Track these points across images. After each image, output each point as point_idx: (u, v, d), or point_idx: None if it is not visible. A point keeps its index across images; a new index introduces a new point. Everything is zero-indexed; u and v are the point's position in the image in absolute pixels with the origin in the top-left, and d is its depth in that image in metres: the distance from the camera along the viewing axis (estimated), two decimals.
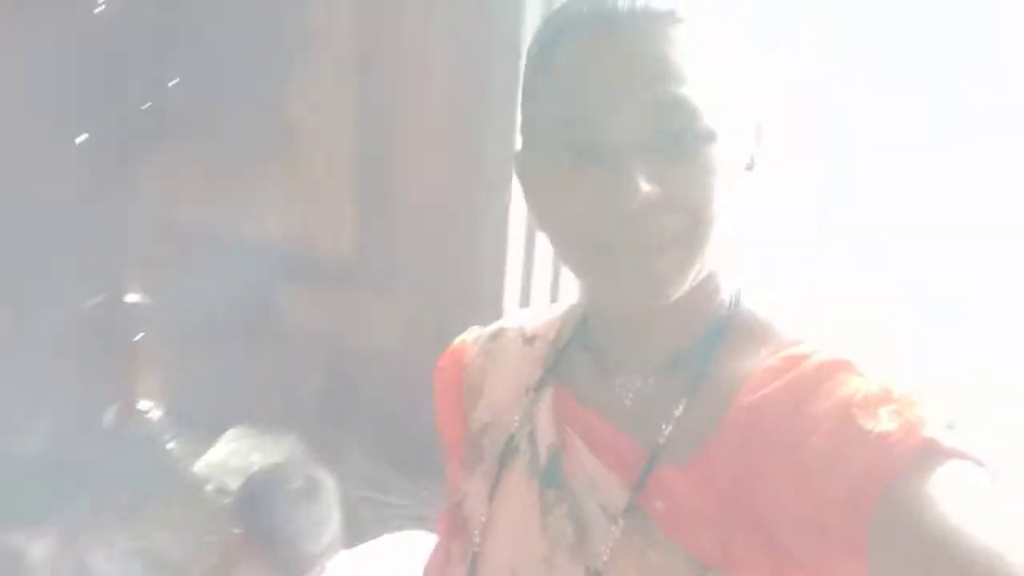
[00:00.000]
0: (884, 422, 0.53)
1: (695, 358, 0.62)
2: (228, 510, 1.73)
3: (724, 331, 0.62)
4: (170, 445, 3.11)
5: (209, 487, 2.63)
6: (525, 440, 0.69)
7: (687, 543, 0.57)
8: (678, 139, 0.54)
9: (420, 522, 1.91)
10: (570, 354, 0.70)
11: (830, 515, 0.53)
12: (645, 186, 0.53)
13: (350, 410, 2.96)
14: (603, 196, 0.54)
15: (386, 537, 1.84)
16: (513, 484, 0.68)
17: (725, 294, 0.64)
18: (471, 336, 0.82)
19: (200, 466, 2.85)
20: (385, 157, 2.63)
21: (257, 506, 1.67)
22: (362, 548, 1.77)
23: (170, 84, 2.86)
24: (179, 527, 2.56)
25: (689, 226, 0.56)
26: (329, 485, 1.75)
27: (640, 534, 0.59)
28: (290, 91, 2.73)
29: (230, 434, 3.01)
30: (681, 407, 0.61)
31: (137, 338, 3.27)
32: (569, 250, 0.60)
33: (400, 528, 1.88)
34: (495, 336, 0.79)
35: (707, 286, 0.62)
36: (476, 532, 0.69)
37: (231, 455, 2.88)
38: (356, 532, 1.81)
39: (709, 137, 0.54)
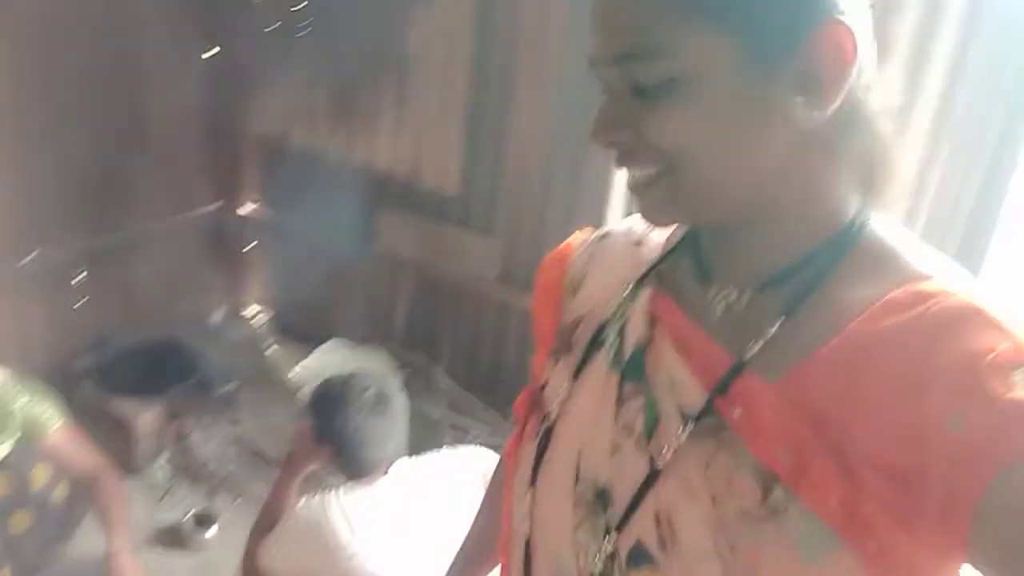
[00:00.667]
0: (1018, 389, 0.49)
1: (798, 277, 0.59)
2: (305, 407, 1.85)
3: (839, 253, 0.59)
4: (271, 348, 3.31)
5: (303, 390, 2.79)
6: (614, 332, 0.69)
7: (761, 452, 0.56)
8: (645, 86, 0.55)
9: (493, 449, 1.98)
10: (675, 258, 0.70)
11: (933, 478, 0.50)
12: (606, 131, 0.59)
13: (441, 335, 3.07)
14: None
15: (446, 450, 1.93)
16: (594, 372, 0.69)
17: (848, 215, 0.60)
18: (581, 236, 0.83)
19: (297, 370, 3.03)
20: (495, 93, 2.67)
21: (328, 408, 1.78)
22: (425, 457, 1.86)
23: (296, 8, 2.96)
24: (269, 420, 2.76)
25: (665, 168, 0.57)
26: (400, 399, 1.84)
27: (712, 437, 0.58)
28: (409, 23, 2.79)
29: (328, 344, 3.20)
30: (776, 325, 0.58)
31: (248, 247, 3.47)
32: None
33: None
34: (603, 237, 0.80)
35: (820, 205, 0.59)
36: (553, 409, 0.70)
37: (326, 364, 3.05)
38: (428, 449, 1.90)
39: (680, 81, 0.54)
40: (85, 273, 2.85)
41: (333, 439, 1.79)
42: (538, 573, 0.71)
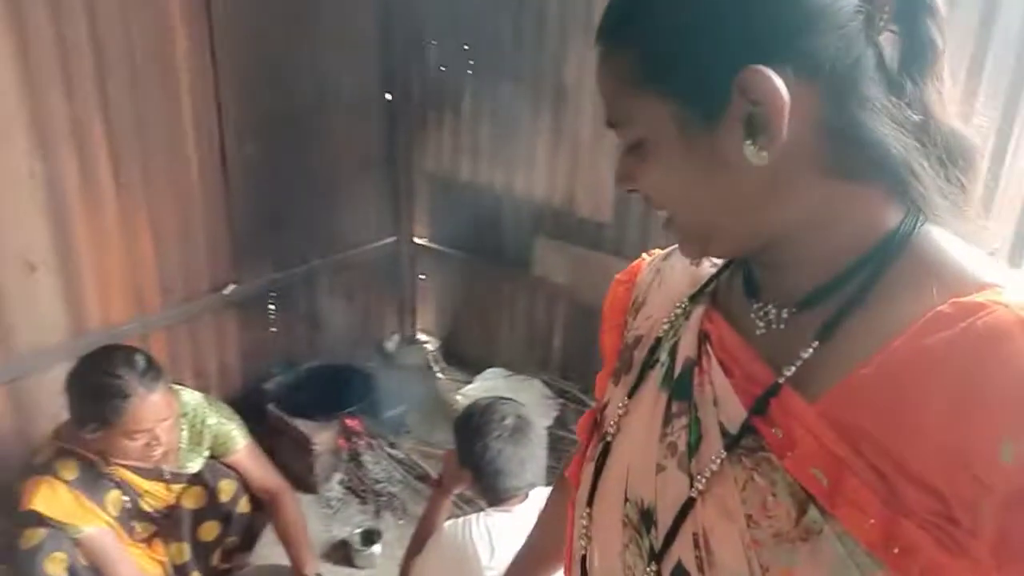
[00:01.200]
0: None
1: (838, 294, 0.57)
2: (453, 432, 1.92)
3: (880, 267, 0.56)
4: (439, 375, 3.46)
5: None
6: (666, 352, 0.69)
7: (797, 472, 0.54)
8: (627, 147, 0.62)
9: None
10: (728, 275, 0.71)
11: (984, 508, 0.47)
12: (621, 181, 0.64)
13: (595, 364, 3.06)
14: None
15: None
16: (647, 392, 0.69)
17: (887, 229, 0.57)
18: (651, 255, 0.85)
19: (460, 395, 3.14)
20: None
21: (468, 435, 1.83)
22: None
23: (463, 47, 3.11)
24: (433, 444, 2.87)
25: (670, 217, 0.64)
26: (539, 429, 1.86)
27: (750, 457, 0.58)
28: (566, 56, 2.84)
29: (487, 373, 3.29)
30: (812, 348, 0.57)
31: (419, 278, 3.66)
32: None
33: None
34: (668, 255, 0.81)
35: (850, 223, 0.58)
36: (611, 428, 0.72)
37: (486, 390, 3.14)
38: None
39: (641, 143, 0.60)
40: (274, 304, 3.14)
41: (472, 464, 1.84)
42: None
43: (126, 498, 2.01)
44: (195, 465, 2.13)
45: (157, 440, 1.88)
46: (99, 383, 1.80)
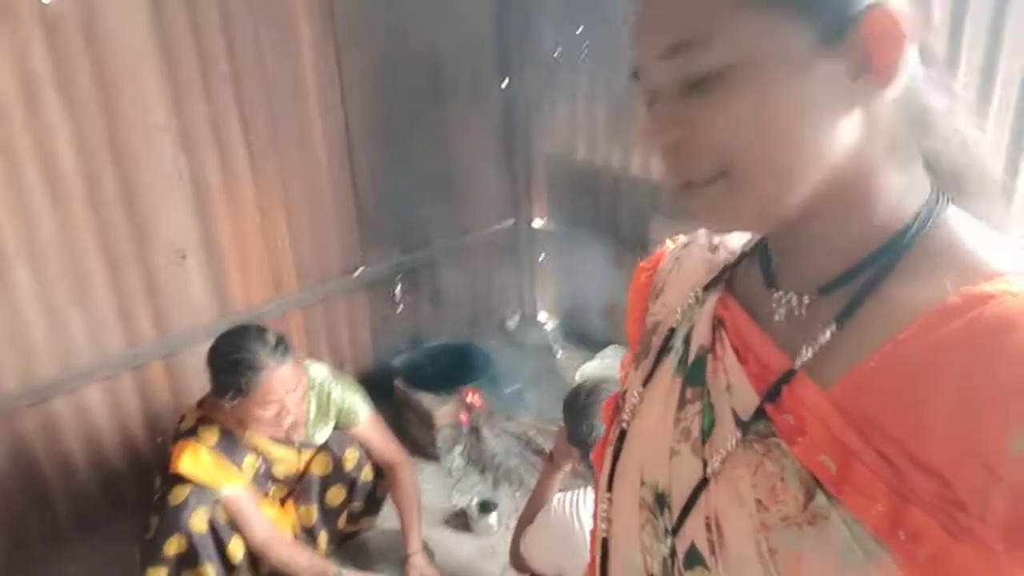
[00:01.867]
0: None
1: (857, 280, 0.56)
2: (562, 411, 1.94)
3: (898, 252, 0.55)
4: (558, 353, 3.49)
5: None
6: (680, 339, 0.69)
7: (805, 458, 0.54)
8: (698, 80, 0.53)
9: None
10: (745, 263, 0.69)
11: (996, 499, 0.46)
12: (660, 133, 0.55)
13: None
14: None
15: None
16: (661, 378, 0.69)
17: (910, 215, 0.56)
18: (673, 241, 0.83)
19: (578, 373, 3.16)
20: None
21: (575, 413, 1.86)
22: None
23: (577, 28, 3.10)
24: (549, 420, 2.91)
25: (724, 167, 0.54)
26: None
27: (761, 442, 0.57)
28: None
29: (607, 350, 3.29)
30: (829, 332, 0.56)
31: (539, 258, 3.70)
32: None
33: None
34: (688, 243, 0.79)
35: (868, 208, 0.56)
36: (627, 414, 0.72)
37: (604, 368, 3.15)
38: None
39: (734, 70, 0.51)
40: (401, 285, 3.28)
41: (579, 443, 1.87)
42: (613, 572, 0.73)
43: (260, 463, 2.20)
44: (322, 435, 2.29)
45: (287, 410, 2.04)
46: (235, 358, 1.98)
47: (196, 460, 2.06)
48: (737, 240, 0.73)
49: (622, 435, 0.72)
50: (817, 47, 0.51)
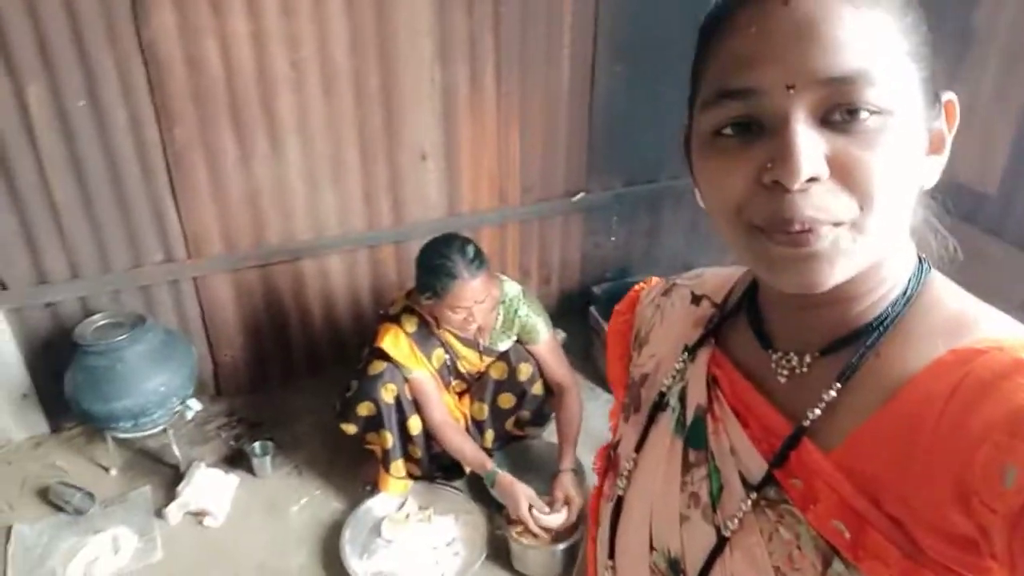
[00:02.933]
0: None
1: (858, 344, 0.57)
2: None
3: (897, 318, 0.56)
4: None
5: None
6: (675, 397, 0.68)
7: (818, 524, 0.54)
8: (853, 115, 0.49)
9: None
10: (734, 319, 0.67)
11: (994, 536, 0.47)
12: (811, 163, 0.48)
13: None
14: (767, 172, 0.49)
15: None
16: (659, 438, 0.68)
17: (905, 280, 0.58)
18: (648, 286, 0.81)
19: None
20: None
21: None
22: None
23: None
24: None
25: (859, 210, 0.50)
26: None
27: (773, 508, 0.57)
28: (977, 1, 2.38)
29: None
30: (833, 392, 0.56)
31: None
32: (726, 228, 0.55)
33: None
34: (667, 291, 0.77)
35: (884, 271, 0.57)
36: (622, 480, 0.70)
37: None
38: None
39: (888, 115, 0.49)
40: (618, 216, 3.29)
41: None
42: None
43: (447, 356, 2.41)
44: (504, 345, 2.45)
45: (473, 317, 2.21)
46: (436, 263, 2.16)
47: (395, 342, 2.31)
48: (719, 293, 0.71)
49: (619, 504, 0.69)
50: (927, 111, 0.53)
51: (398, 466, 2.39)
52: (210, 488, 2.52)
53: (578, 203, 3.19)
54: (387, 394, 2.31)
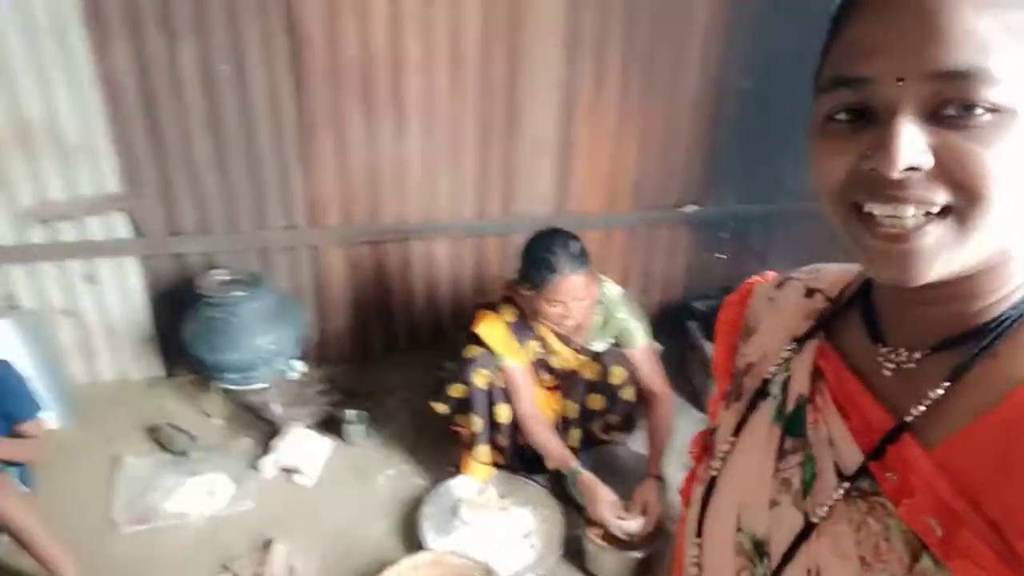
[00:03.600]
0: None
1: (973, 342, 0.54)
2: None
3: (1016, 318, 0.54)
4: None
5: None
6: (778, 386, 0.67)
7: (910, 520, 0.52)
8: (968, 111, 0.47)
9: None
10: (845, 313, 0.66)
11: None
12: (910, 155, 0.48)
13: None
14: (867, 159, 0.50)
15: None
16: (757, 424, 0.67)
17: None
18: (762, 280, 0.80)
19: None
20: None
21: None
22: None
23: None
24: None
25: (961, 203, 0.48)
26: None
27: (865, 500, 0.56)
28: None
29: None
30: (941, 390, 0.54)
31: None
32: (829, 210, 0.55)
33: None
34: (781, 284, 0.76)
35: (1007, 272, 0.54)
36: (717, 461, 0.70)
37: None
38: None
39: (1006, 113, 0.46)
40: (728, 233, 3.21)
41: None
42: None
43: (541, 350, 2.41)
44: (599, 345, 2.42)
45: (570, 313, 2.19)
46: (539, 256, 2.16)
47: (492, 329, 2.32)
48: (834, 288, 0.70)
49: (712, 482, 0.70)
50: None
51: (482, 451, 2.40)
52: (304, 448, 2.61)
53: (689, 215, 3.12)
54: (479, 379, 2.32)
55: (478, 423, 2.36)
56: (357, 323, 3.08)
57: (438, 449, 2.62)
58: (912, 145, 0.48)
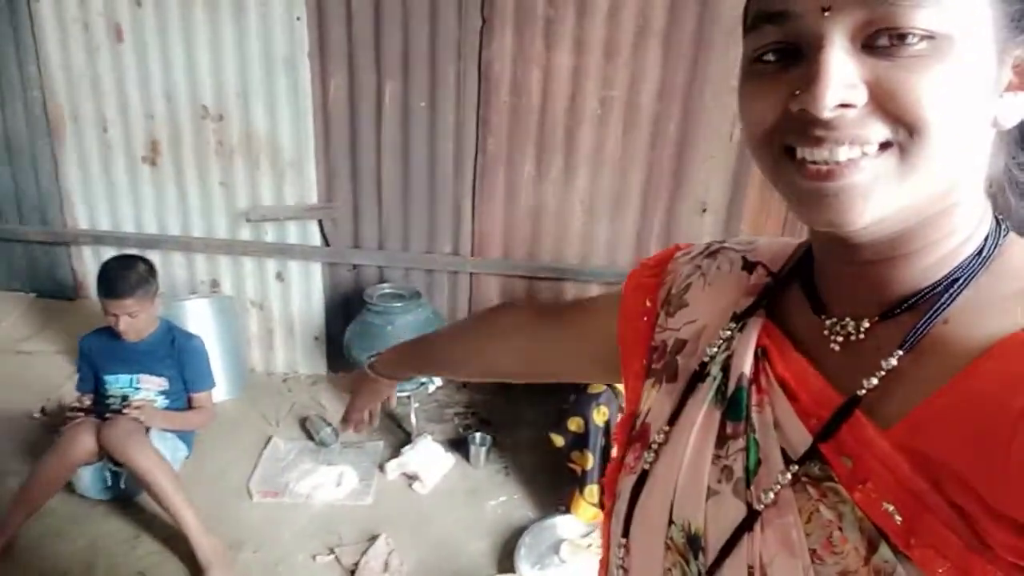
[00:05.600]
0: None
1: (925, 305, 0.49)
2: None
3: (970, 280, 0.48)
4: None
5: None
6: (718, 367, 0.59)
7: (867, 506, 0.47)
8: (901, 40, 0.43)
9: None
10: (787, 288, 0.60)
11: None
12: (840, 91, 0.43)
13: None
14: (795, 100, 0.45)
15: None
16: (695, 409, 0.59)
17: (980, 240, 0.50)
18: (685, 247, 0.72)
19: None
20: None
21: None
22: None
23: None
24: None
25: (902, 139, 0.44)
26: None
27: (816, 486, 0.49)
28: None
29: None
30: (894, 361, 0.48)
31: None
32: (757, 157, 0.50)
33: None
34: (713, 253, 0.68)
35: (951, 223, 0.49)
36: (651, 451, 0.61)
37: None
38: None
39: (943, 39, 0.43)
40: None
41: None
42: None
43: None
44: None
45: None
46: None
47: None
48: (776, 262, 0.63)
49: (643, 477, 0.61)
50: (1005, 41, 0.45)
51: (592, 491, 2.31)
52: (427, 458, 2.66)
53: None
54: (598, 415, 2.26)
55: (591, 460, 2.28)
56: None
57: (553, 485, 2.55)
58: (842, 80, 0.43)
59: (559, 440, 2.37)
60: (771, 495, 0.51)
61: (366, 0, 2.64)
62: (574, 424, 2.30)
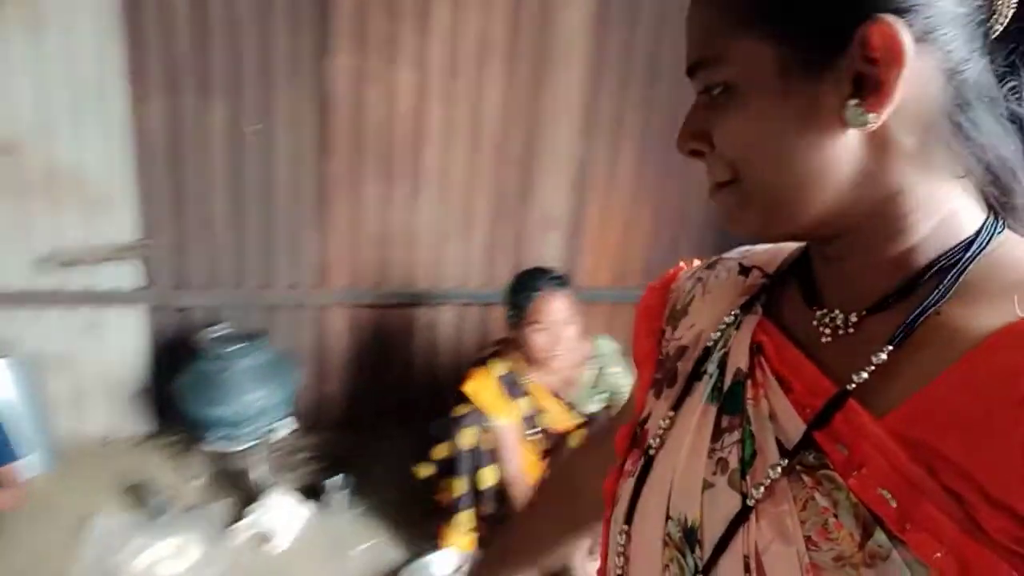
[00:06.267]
0: None
1: (913, 297, 0.50)
2: None
3: (960, 271, 0.50)
4: None
5: None
6: (715, 363, 0.62)
7: (862, 492, 0.47)
8: (708, 91, 0.53)
9: None
10: (784, 286, 0.62)
11: None
12: (689, 140, 0.55)
13: None
14: None
15: None
16: (692, 406, 0.61)
17: (971, 230, 0.51)
18: (687, 264, 0.78)
19: None
20: None
21: None
22: None
23: None
24: None
25: (734, 176, 0.53)
26: None
27: (811, 475, 0.50)
28: None
29: None
30: (885, 353, 0.49)
31: None
32: None
33: None
34: (711, 265, 0.73)
35: (894, 213, 0.51)
36: (649, 451, 0.63)
37: None
38: None
39: (731, 87, 0.51)
40: None
41: None
42: None
43: (532, 407, 2.22)
44: (592, 406, 2.24)
45: (557, 339, 2.08)
46: (521, 283, 2.15)
47: (482, 385, 2.16)
48: (772, 264, 0.66)
49: (648, 464, 0.63)
50: (807, 68, 0.48)
51: (464, 519, 2.16)
52: (280, 513, 2.39)
53: None
54: (466, 438, 2.13)
55: (460, 487, 2.13)
56: (352, 387, 2.91)
57: (422, 522, 2.36)
58: (689, 129, 0.55)
59: (425, 470, 2.21)
60: (767, 483, 0.52)
61: (187, 15, 2.41)
62: (441, 451, 2.16)
